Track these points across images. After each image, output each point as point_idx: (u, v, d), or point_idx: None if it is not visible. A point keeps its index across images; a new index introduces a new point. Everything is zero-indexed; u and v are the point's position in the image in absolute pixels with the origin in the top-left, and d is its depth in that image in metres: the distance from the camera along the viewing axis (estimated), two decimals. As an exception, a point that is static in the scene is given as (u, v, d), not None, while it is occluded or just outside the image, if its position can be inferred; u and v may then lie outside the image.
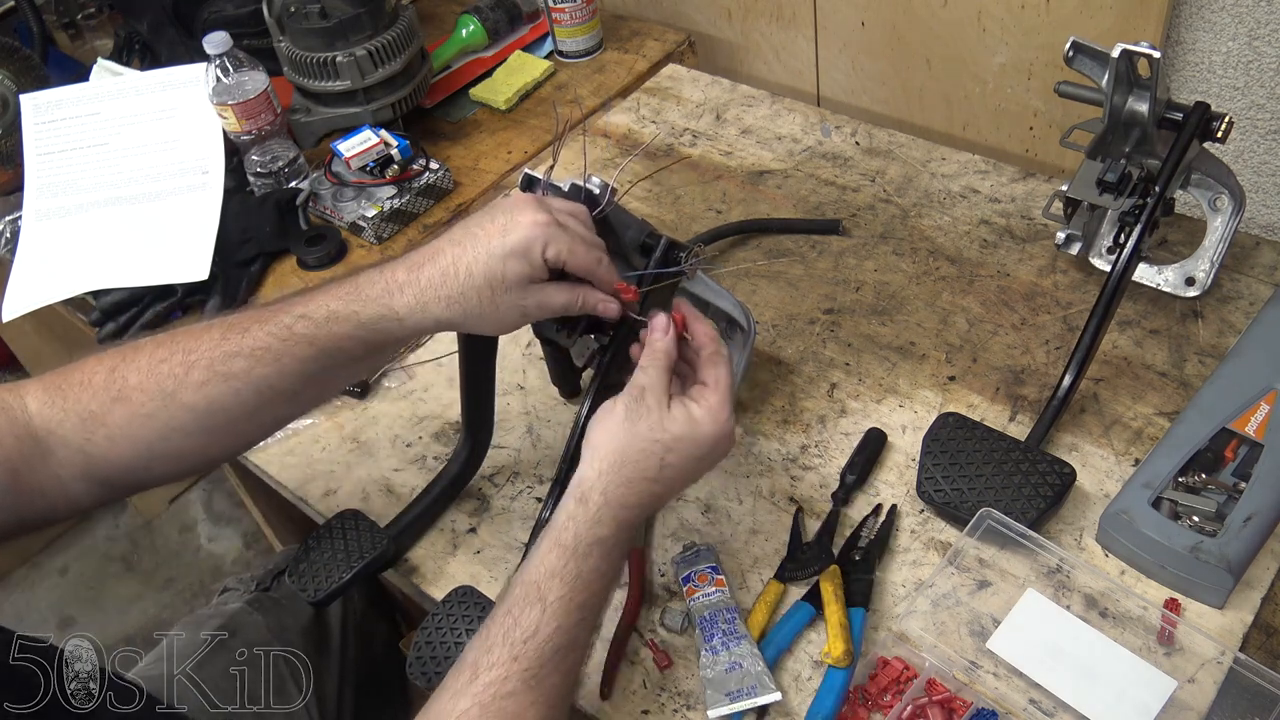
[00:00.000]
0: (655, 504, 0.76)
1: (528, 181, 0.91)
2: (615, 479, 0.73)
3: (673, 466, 0.74)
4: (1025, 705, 0.78)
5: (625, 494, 0.73)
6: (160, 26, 1.56)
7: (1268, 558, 0.83)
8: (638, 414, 0.74)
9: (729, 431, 0.76)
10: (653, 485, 0.74)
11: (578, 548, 0.71)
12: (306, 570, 0.90)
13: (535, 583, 0.70)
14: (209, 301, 1.24)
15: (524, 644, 0.68)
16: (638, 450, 0.73)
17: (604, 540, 0.72)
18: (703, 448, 0.75)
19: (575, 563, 0.71)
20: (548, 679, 0.68)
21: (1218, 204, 1.01)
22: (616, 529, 0.73)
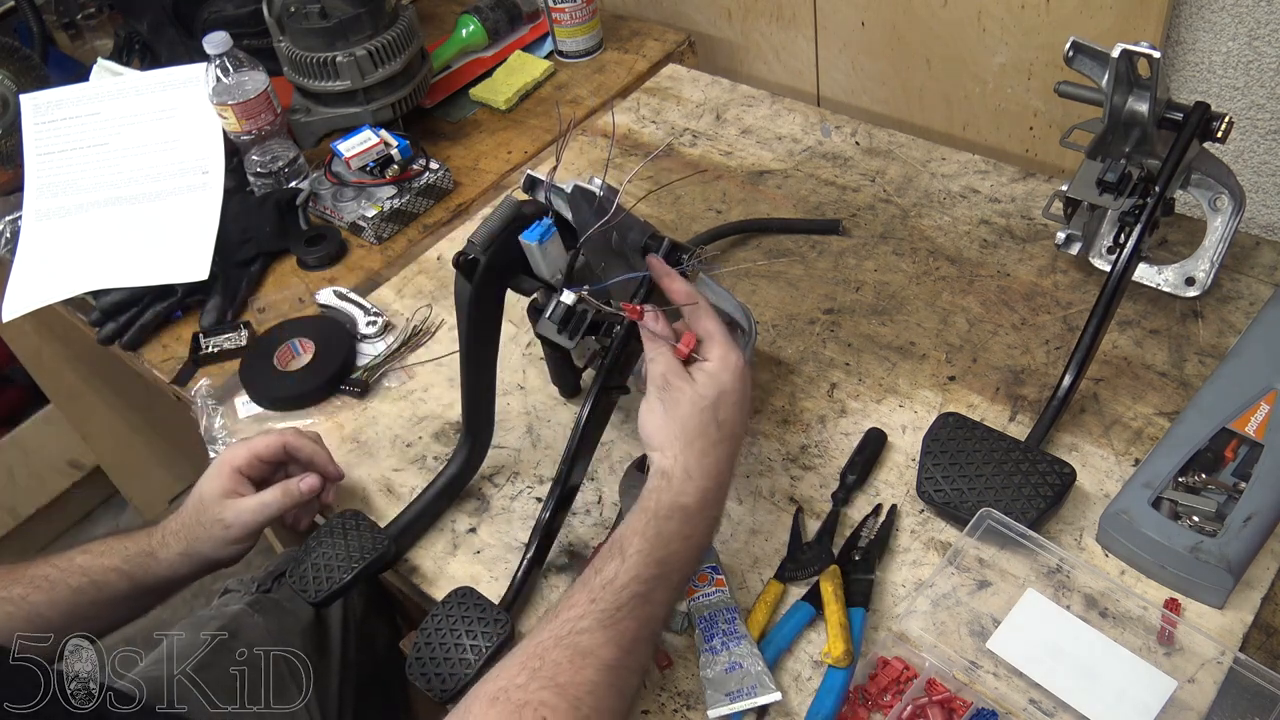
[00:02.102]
0: (730, 463, 0.79)
1: (530, 183, 0.91)
2: (690, 456, 0.76)
3: (727, 421, 0.78)
4: (1025, 705, 0.78)
5: (704, 464, 0.76)
6: (160, 26, 1.56)
7: (1268, 558, 0.83)
8: (675, 399, 0.78)
9: (741, 365, 0.80)
10: (719, 446, 0.77)
11: (659, 510, 0.74)
12: (307, 571, 0.90)
13: (617, 540, 0.74)
14: (209, 301, 1.24)
15: (602, 589, 0.71)
16: (695, 425, 0.77)
17: (686, 508, 0.75)
18: (736, 391, 0.79)
19: (656, 523, 0.74)
20: (622, 622, 0.70)
21: (1218, 204, 1.01)
22: (701, 499, 0.75)
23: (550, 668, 0.67)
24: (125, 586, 0.88)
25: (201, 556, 0.91)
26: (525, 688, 0.66)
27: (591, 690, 0.67)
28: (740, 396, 0.80)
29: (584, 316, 0.85)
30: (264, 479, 0.95)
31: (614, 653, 0.69)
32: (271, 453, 0.93)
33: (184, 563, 0.91)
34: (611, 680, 0.68)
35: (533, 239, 0.85)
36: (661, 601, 0.74)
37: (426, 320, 1.19)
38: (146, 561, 0.89)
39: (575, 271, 0.87)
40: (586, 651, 0.68)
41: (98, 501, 2.33)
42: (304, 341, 1.15)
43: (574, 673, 0.67)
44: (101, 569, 0.88)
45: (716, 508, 0.78)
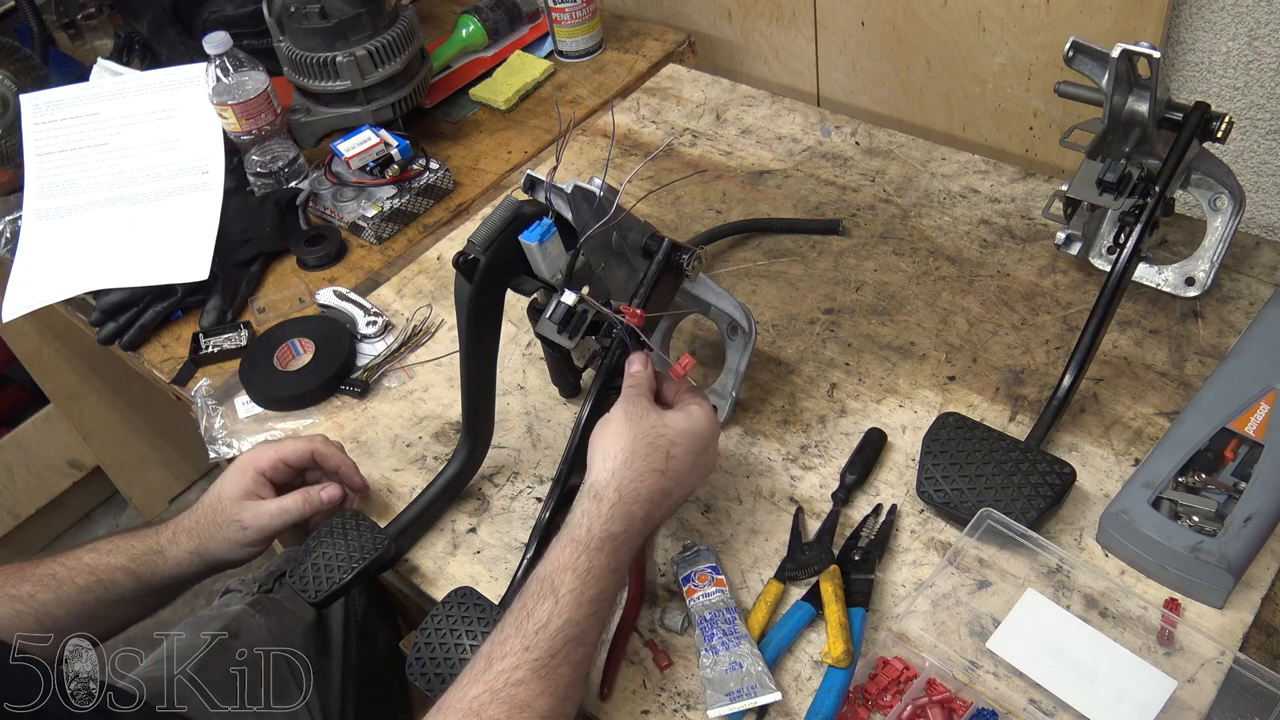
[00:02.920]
0: (663, 500, 0.77)
1: (530, 183, 0.91)
2: (628, 473, 0.75)
3: (678, 459, 0.77)
4: (1025, 705, 0.78)
5: (637, 487, 0.75)
6: (160, 26, 1.56)
7: (1268, 558, 0.83)
8: (637, 414, 0.78)
9: (715, 428, 0.81)
10: (661, 478, 0.76)
11: (590, 542, 0.73)
12: (307, 571, 0.90)
13: (549, 576, 0.72)
14: (209, 301, 1.24)
15: (535, 634, 0.69)
16: (646, 444, 0.76)
17: (616, 536, 0.74)
18: (703, 440, 0.79)
19: (587, 557, 0.73)
20: (558, 669, 0.69)
21: (1218, 204, 1.01)
22: (628, 524, 0.74)
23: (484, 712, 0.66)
24: (132, 585, 0.88)
25: (212, 556, 0.90)
26: None
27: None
28: (702, 448, 0.79)
29: (584, 316, 0.85)
30: (286, 484, 0.94)
31: (550, 703, 0.68)
32: (299, 458, 0.93)
33: (192, 561, 0.90)
34: None
35: (533, 239, 0.85)
36: (592, 641, 0.73)
37: (426, 320, 1.19)
38: (154, 559, 0.89)
39: (575, 271, 0.87)
40: (524, 705, 0.67)
41: (98, 501, 2.33)
42: (304, 341, 1.15)
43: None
44: (109, 568, 0.87)
45: (640, 537, 0.77)
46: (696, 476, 0.80)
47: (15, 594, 0.84)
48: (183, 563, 0.89)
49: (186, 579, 0.91)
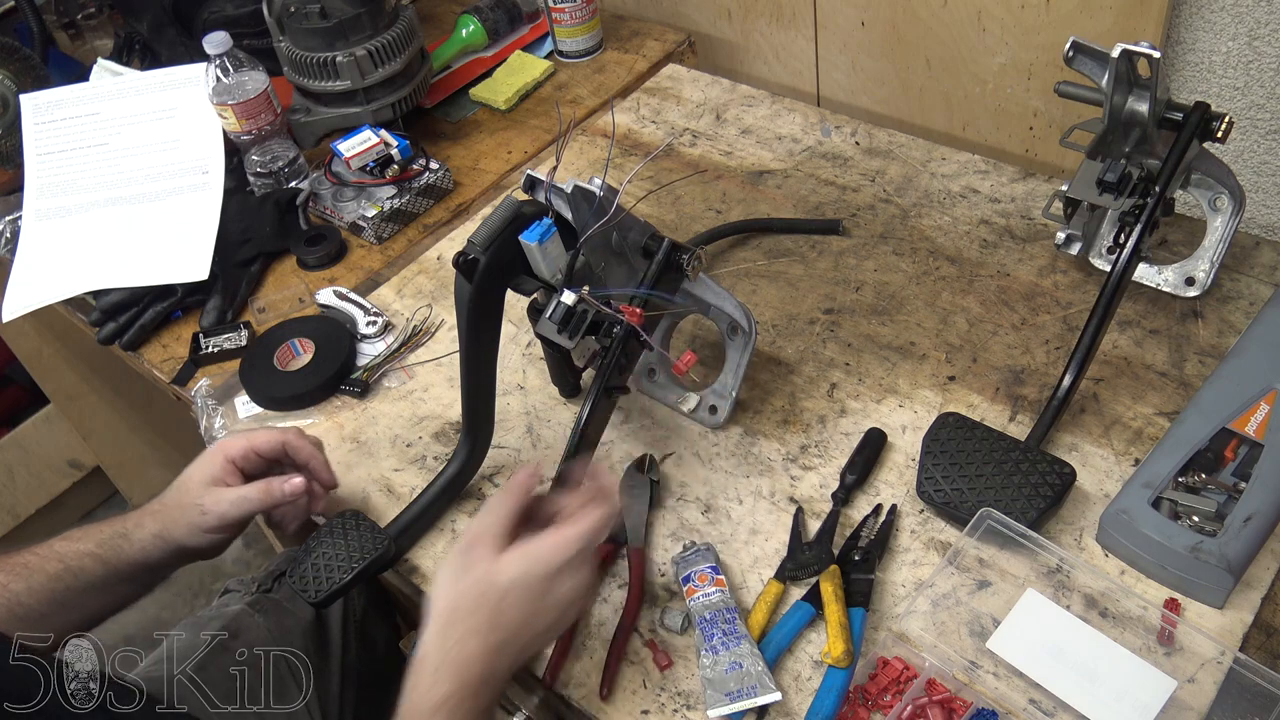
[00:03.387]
0: (499, 655, 0.72)
1: (530, 183, 0.91)
2: (450, 635, 0.71)
3: (511, 612, 0.71)
4: (1025, 705, 0.78)
5: (462, 650, 0.70)
6: (160, 26, 1.56)
7: (1268, 558, 0.83)
8: (465, 567, 0.73)
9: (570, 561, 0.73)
10: (490, 635, 0.71)
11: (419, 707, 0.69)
12: (307, 571, 0.90)
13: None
14: (209, 301, 1.24)
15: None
16: (469, 601, 0.71)
17: (448, 699, 0.69)
18: (542, 585, 0.72)
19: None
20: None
21: (1218, 204, 1.01)
22: (460, 687, 0.69)
23: None
24: (100, 571, 0.86)
25: (175, 541, 0.88)
26: None
27: None
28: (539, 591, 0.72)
29: (584, 316, 0.85)
30: (257, 474, 0.93)
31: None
32: (269, 449, 0.92)
33: (157, 545, 0.88)
34: None
35: (533, 239, 0.85)
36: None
37: (426, 320, 1.19)
38: (119, 544, 0.87)
39: (575, 271, 0.87)
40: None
41: (98, 501, 2.33)
42: (304, 341, 1.15)
43: None
44: (77, 554, 0.86)
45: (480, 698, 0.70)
46: (546, 620, 0.73)
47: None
48: (147, 546, 0.87)
49: (153, 565, 0.89)
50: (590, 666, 0.85)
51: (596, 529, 0.75)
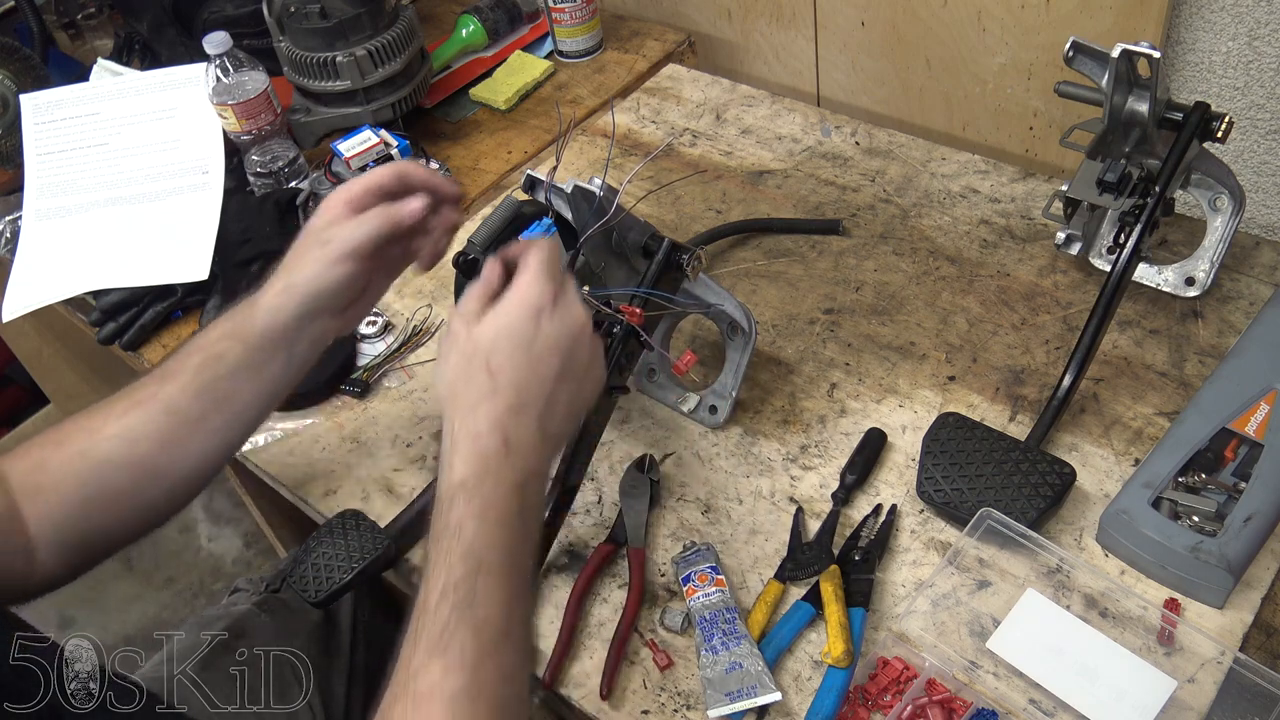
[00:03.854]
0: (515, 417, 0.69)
1: (530, 183, 0.91)
2: (456, 414, 0.68)
3: (505, 368, 0.69)
4: (1025, 705, 0.78)
5: (470, 423, 0.68)
6: (160, 26, 1.56)
7: (1268, 558, 0.83)
8: (448, 347, 0.71)
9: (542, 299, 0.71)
10: (495, 398, 0.68)
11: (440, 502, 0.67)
12: (307, 571, 0.90)
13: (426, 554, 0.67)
14: (209, 301, 1.24)
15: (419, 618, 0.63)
16: (462, 370, 0.69)
17: (465, 482, 0.66)
18: (522, 333, 0.70)
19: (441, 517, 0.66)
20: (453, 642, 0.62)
21: (1218, 204, 1.01)
22: (476, 466, 0.67)
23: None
24: (239, 350, 0.82)
25: (298, 288, 0.83)
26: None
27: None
28: (527, 339, 0.69)
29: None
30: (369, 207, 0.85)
31: (460, 678, 0.61)
32: (388, 181, 0.83)
33: (284, 301, 0.83)
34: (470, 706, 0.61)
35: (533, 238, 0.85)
36: (492, 596, 0.64)
37: (426, 320, 1.19)
38: (249, 313, 0.83)
39: (575, 271, 0.87)
40: (427, 692, 0.61)
41: (98, 501, 2.32)
42: (304, 341, 1.15)
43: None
44: (212, 340, 0.84)
45: (508, 468, 0.67)
46: (550, 365, 0.70)
47: (141, 397, 0.82)
48: (274, 305, 0.83)
49: (283, 327, 0.84)
50: (590, 666, 0.85)
51: (545, 259, 0.72)
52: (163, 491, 0.85)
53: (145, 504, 0.84)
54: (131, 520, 0.85)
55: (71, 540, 0.82)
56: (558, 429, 0.72)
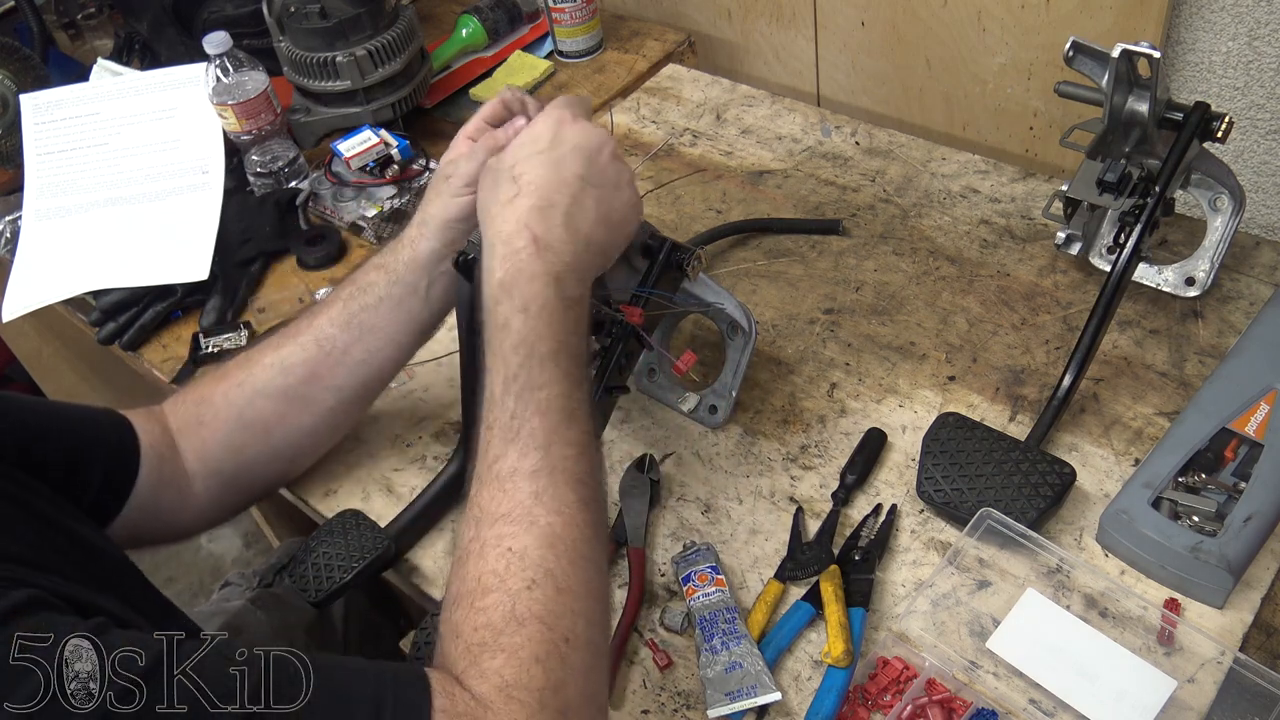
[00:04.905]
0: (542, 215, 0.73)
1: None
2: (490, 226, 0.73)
3: (528, 173, 0.74)
4: (1025, 705, 0.78)
5: (500, 227, 0.72)
6: (160, 26, 1.56)
7: (1268, 558, 0.83)
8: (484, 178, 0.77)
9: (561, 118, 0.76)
10: (518, 200, 0.73)
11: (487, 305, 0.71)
12: (306, 571, 0.90)
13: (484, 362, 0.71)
14: (209, 301, 1.24)
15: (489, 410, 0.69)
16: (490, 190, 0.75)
17: (503, 281, 0.71)
18: (542, 140, 0.75)
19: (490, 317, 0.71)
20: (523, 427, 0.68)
21: (1218, 204, 1.01)
22: (511, 264, 0.71)
23: (488, 506, 0.66)
24: (383, 281, 0.89)
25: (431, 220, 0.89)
26: (478, 536, 0.65)
27: (536, 499, 0.66)
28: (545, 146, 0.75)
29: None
30: None
31: (535, 457, 0.67)
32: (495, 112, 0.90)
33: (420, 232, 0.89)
34: (550, 480, 0.67)
35: (533, 239, 0.85)
36: (549, 378, 0.69)
37: (426, 320, 1.19)
38: (395, 248, 0.90)
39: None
40: (508, 474, 0.66)
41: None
42: (304, 341, 1.15)
43: (509, 498, 0.66)
44: (364, 272, 0.91)
45: (540, 261, 0.71)
46: (571, 168, 0.75)
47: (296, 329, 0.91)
48: (413, 238, 0.89)
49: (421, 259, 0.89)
50: (590, 666, 0.85)
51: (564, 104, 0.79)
52: (307, 425, 0.93)
53: (292, 437, 0.92)
54: (281, 452, 0.93)
55: (226, 470, 0.90)
56: (589, 229, 0.75)
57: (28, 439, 0.77)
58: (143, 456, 0.85)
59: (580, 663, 0.62)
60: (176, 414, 0.90)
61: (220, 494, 0.91)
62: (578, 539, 0.66)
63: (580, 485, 0.68)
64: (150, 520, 0.86)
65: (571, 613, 0.63)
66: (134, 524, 0.84)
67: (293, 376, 0.89)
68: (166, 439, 0.88)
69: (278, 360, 0.89)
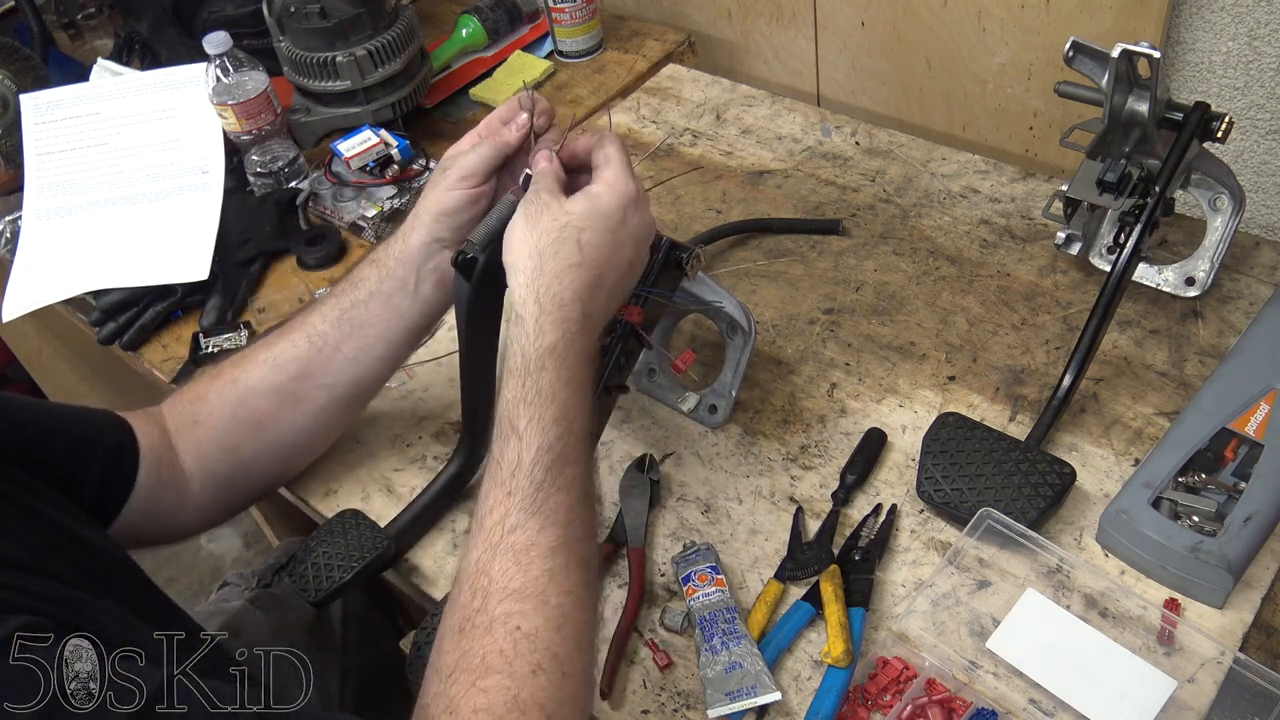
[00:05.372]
0: (596, 292, 0.74)
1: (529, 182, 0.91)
2: (541, 280, 0.72)
3: (593, 244, 0.74)
4: (1025, 705, 0.78)
5: (558, 290, 0.72)
6: (160, 26, 1.56)
7: (1268, 558, 0.83)
8: (535, 213, 0.75)
9: (632, 193, 0.77)
10: (580, 270, 0.73)
11: (529, 365, 0.70)
12: (306, 571, 0.90)
13: (505, 417, 0.70)
14: (209, 301, 1.24)
15: (512, 477, 0.68)
16: (551, 240, 0.73)
17: (554, 348, 0.71)
18: (613, 218, 0.76)
19: (533, 380, 0.70)
20: (548, 501, 0.67)
21: (1218, 204, 1.01)
22: (565, 330, 0.72)
23: (500, 579, 0.65)
24: (373, 276, 0.89)
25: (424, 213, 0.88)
26: (485, 609, 0.64)
27: (550, 578, 0.65)
28: (615, 224, 0.75)
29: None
30: None
31: (555, 534, 0.67)
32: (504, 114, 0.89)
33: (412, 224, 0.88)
34: (565, 560, 0.67)
35: (533, 239, 0.85)
36: (577, 457, 0.70)
37: (426, 320, 1.19)
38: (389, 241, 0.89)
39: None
40: (526, 547, 0.66)
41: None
42: (304, 341, 1.15)
43: (523, 573, 0.65)
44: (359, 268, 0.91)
45: (584, 338, 0.73)
46: (625, 254, 0.77)
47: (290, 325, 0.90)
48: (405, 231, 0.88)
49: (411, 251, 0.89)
50: (590, 666, 0.85)
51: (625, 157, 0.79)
52: (300, 423, 0.92)
53: (285, 435, 0.92)
54: (275, 451, 0.93)
55: (222, 470, 0.90)
56: (611, 312, 0.79)
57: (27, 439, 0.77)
58: (141, 459, 0.85)
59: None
60: (173, 414, 0.90)
61: (217, 494, 0.91)
62: (583, 622, 0.67)
63: (587, 568, 0.68)
64: (148, 522, 0.86)
65: (571, 700, 0.64)
66: (132, 525, 0.84)
67: (285, 374, 0.89)
68: (165, 441, 0.88)
69: (270, 357, 0.89)
